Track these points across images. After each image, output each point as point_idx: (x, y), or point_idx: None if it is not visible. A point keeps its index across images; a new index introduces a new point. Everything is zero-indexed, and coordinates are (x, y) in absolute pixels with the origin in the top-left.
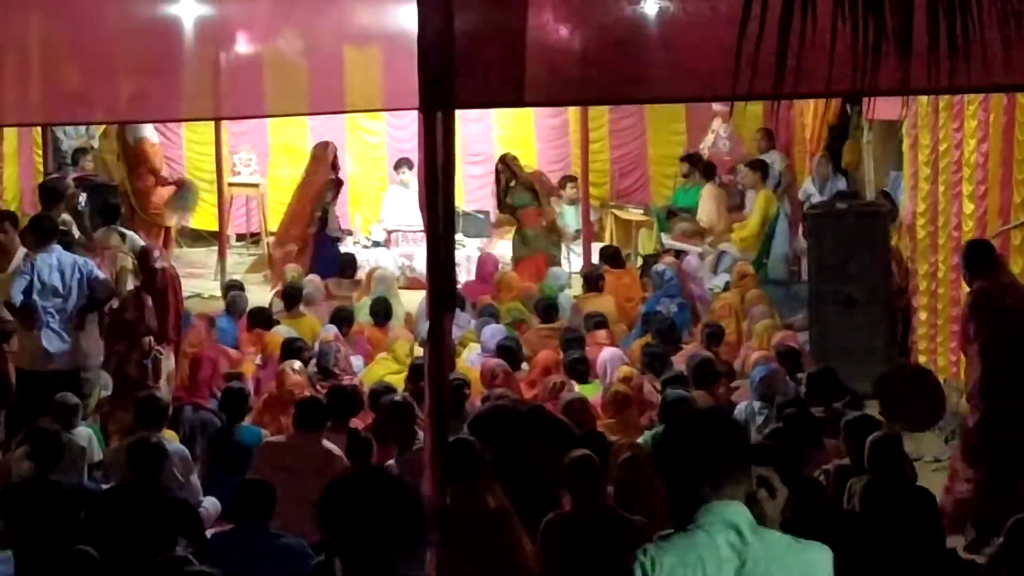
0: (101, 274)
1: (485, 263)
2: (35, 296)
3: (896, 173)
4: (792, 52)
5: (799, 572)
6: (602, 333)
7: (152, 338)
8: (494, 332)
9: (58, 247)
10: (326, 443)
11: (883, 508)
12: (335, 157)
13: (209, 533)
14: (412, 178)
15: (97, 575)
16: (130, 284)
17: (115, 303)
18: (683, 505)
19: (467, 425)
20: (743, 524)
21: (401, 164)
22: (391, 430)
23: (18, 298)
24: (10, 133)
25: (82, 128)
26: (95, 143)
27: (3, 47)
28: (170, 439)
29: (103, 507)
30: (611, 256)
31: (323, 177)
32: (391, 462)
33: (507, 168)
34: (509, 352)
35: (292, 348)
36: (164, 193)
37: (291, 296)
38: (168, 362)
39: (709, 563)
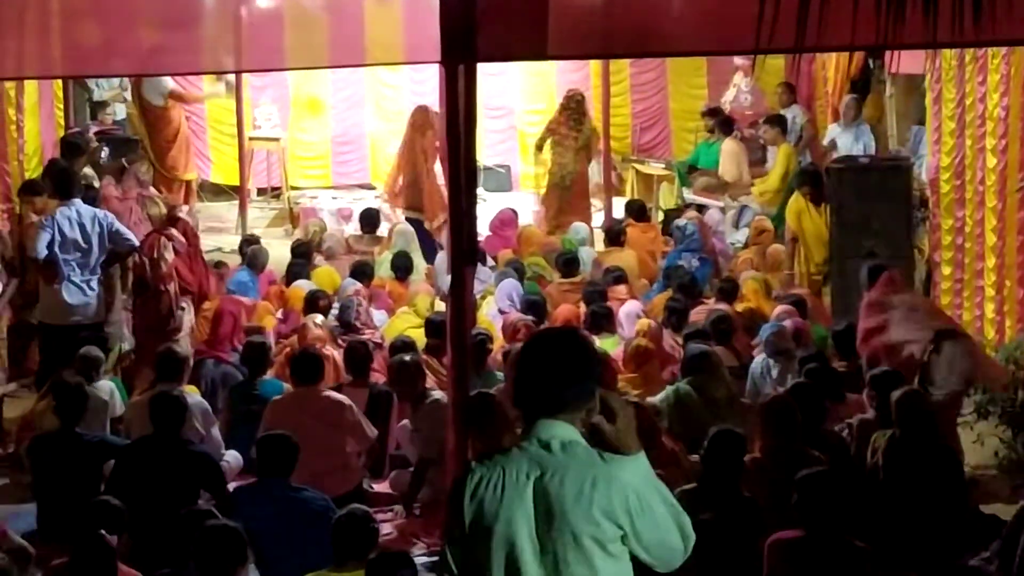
0: (123, 228)
1: (505, 217)
2: (56, 250)
3: (917, 128)
4: (815, 4)
5: (592, 482)
6: (621, 288)
7: (176, 291)
8: (506, 287)
9: (78, 201)
10: (331, 393)
11: (907, 463)
12: None
13: (231, 486)
14: None
15: (120, 524)
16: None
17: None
18: (524, 426)
19: None
20: (556, 440)
21: None
22: (400, 389)
23: (42, 252)
24: (31, 86)
25: (115, 80)
26: (128, 95)
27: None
28: (191, 393)
29: (126, 461)
30: (637, 210)
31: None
32: (405, 422)
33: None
34: (535, 307)
35: (312, 300)
36: (183, 149)
37: (302, 252)
38: (189, 315)
39: (509, 474)
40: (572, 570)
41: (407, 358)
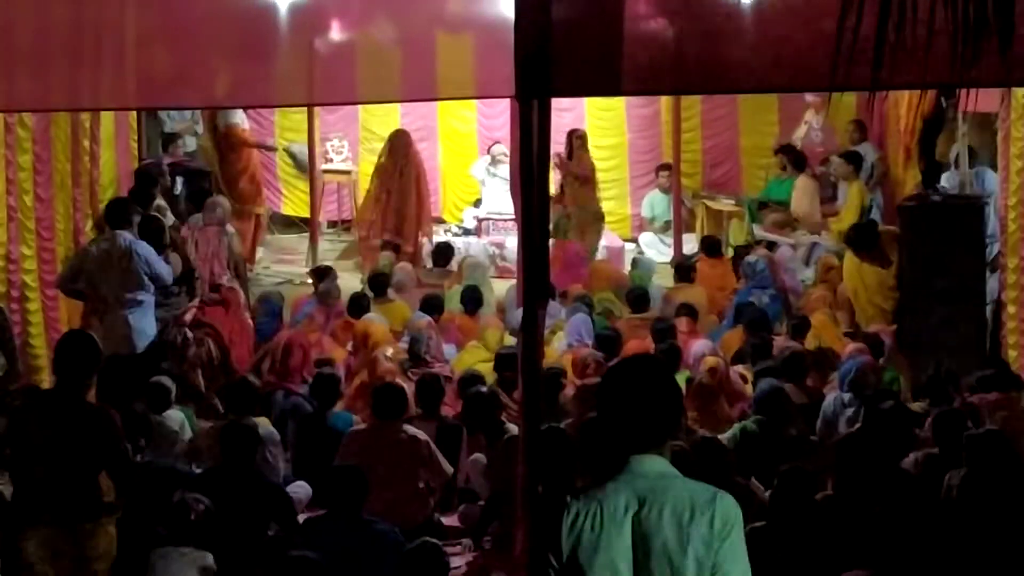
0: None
1: (571, 252)
2: (97, 284)
3: (980, 167)
4: (890, 42)
5: (691, 511)
6: (683, 321)
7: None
8: (577, 322)
9: (125, 233)
10: (409, 428)
11: (983, 503)
12: None
13: (301, 518)
14: (503, 167)
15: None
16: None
17: None
18: (610, 461)
19: None
20: (652, 473)
21: (494, 151)
22: (477, 422)
23: (60, 284)
24: (107, 117)
25: (187, 112)
26: (199, 128)
27: (99, 31)
28: (263, 424)
29: (196, 490)
30: (710, 246)
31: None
32: (478, 455)
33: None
34: (608, 342)
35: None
36: (254, 181)
37: (379, 282)
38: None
39: (606, 509)
40: None
41: (483, 389)
